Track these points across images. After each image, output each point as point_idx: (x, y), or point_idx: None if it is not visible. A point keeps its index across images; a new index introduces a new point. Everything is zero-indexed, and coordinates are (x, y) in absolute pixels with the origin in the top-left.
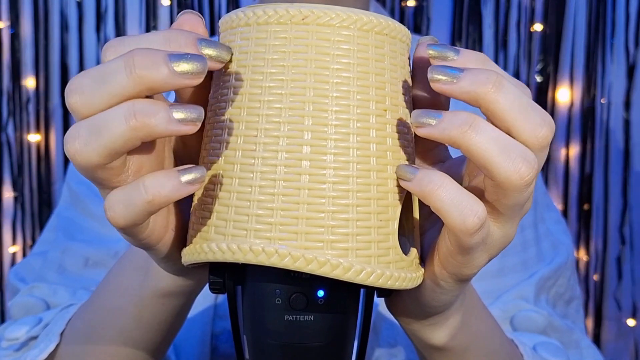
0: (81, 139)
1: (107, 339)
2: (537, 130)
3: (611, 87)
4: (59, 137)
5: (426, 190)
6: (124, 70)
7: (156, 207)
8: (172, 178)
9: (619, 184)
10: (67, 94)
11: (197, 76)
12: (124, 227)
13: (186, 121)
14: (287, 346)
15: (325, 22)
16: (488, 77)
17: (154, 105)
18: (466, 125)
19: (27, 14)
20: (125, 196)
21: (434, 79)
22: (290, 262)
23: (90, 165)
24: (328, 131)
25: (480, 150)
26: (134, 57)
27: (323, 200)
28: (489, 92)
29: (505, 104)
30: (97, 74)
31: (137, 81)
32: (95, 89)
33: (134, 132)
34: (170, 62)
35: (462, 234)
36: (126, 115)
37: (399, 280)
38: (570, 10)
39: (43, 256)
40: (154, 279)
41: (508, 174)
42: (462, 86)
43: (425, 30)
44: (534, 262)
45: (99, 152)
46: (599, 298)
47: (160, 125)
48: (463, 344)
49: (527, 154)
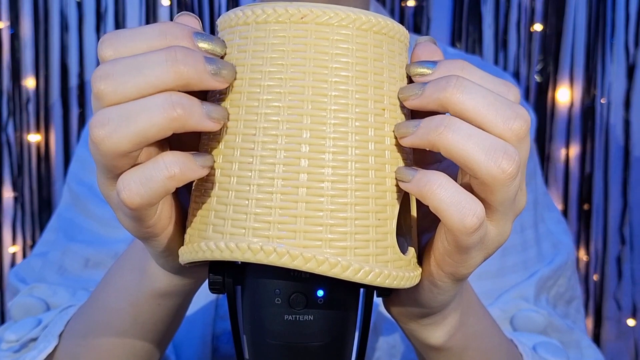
0: (111, 125)
1: (105, 339)
2: (510, 122)
3: (611, 87)
4: (58, 137)
5: (425, 190)
6: (165, 64)
7: (174, 184)
8: (188, 158)
9: (619, 184)
10: (95, 79)
11: (226, 80)
12: (139, 207)
13: (215, 119)
14: (287, 346)
15: (324, 21)
16: (448, 81)
17: (190, 99)
18: (441, 126)
19: (27, 14)
20: (143, 174)
21: (403, 98)
22: (288, 260)
23: (117, 152)
24: (326, 130)
25: (458, 149)
26: (176, 53)
27: (322, 198)
28: (452, 94)
29: (470, 102)
30: (132, 64)
31: (177, 75)
32: (129, 78)
33: (170, 122)
34: (206, 63)
35: (460, 233)
36: (164, 106)
37: (397, 279)
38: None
39: (43, 257)
40: (150, 279)
41: (489, 169)
42: (427, 96)
43: (425, 30)
44: (534, 262)
45: (129, 139)
46: (599, 298)
47: (194, 119)
48: (461, 343)
49: (507, 148)
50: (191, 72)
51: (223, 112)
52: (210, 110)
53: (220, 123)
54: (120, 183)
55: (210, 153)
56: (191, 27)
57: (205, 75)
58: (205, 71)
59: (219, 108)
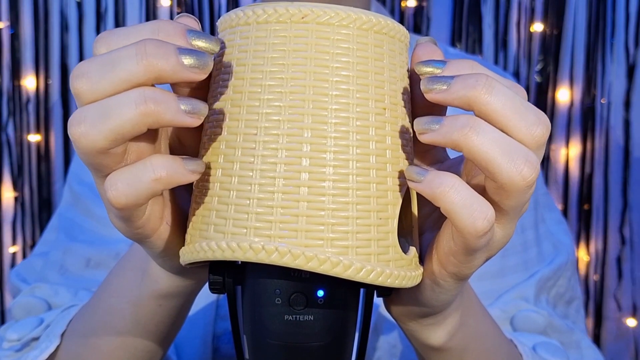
0: (87, 122)
1: (106, 340)
2: (533, 129)
3: (611, 87)
4: (58, 137)
5: (437, 192)
6: (135, 57)
7: (161, 187)
8: (177, 162)
9: (619, 184)
10: (73, 78)
11: (202, 71)
12: (124, 207)
13: (192, 113)
14: (287, 346)
15: (325, 20)
16: (477, 80)
17: (164, 94)
18: (467, 127)
19: (27, 14)
20: (130, 174)
21: (426, 90)
22: (290, 259)
23: (95, 149)
24: (328, 129)
25: (482, 152)
26: (146, 46)
27: (323, 198)
28: (480, 94)
29: (498, 104)
30: (106, 60)
31: (147, 69)
32: (103, 74)
33: (143, 117)
34: (179, 54)
35: (470, 235)
36: (137, 101)
37: (398, 279)
38: (570, 10)
39: (44, 257)
40: (152, 279)
41: (511, 175)
42: (453, 92)
43: (425, 30)
44: (534, 263)
45: (105, 136)
46: (599, 298)
47: (169, 114)
48: (461, 344)
49: (529, 155)
50: (161, 63)
51: (200, 106)
52: (186, 104)
53: (200, 118)
54: (107, 182)
55: (210, 153)
56: (185, 25)
57: (178, 67)
58: (178, 63)
59: (196, 102)
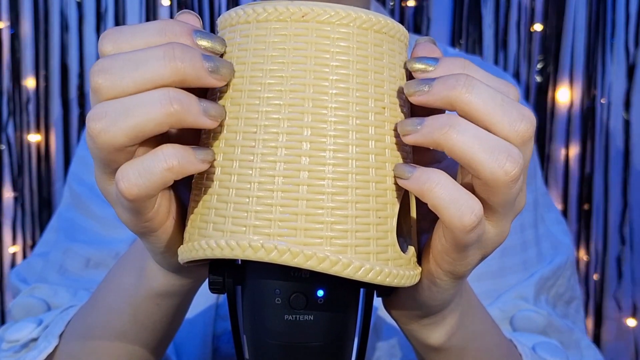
0: (108, 118)
1: (104, 339)
2: (516, 124)
3: (611, 87)
4: (59, 137)
5: (424, 188)
6: (163, 59)
7: (173, 177)
8: (188, 151)
9: (619, 184)
10: (93, 74)
11: (223, 78)
12: (136, 198)
13: (212, 116)
14: (287, 346)
15: (325, 19)
16: (457, 80)
17: (187, 96)
18: (447, 126)
19: (27, 14)
20: (142, 165)
21: (409, 93)
22: (289, 258)
23: (113, 146)
24: (327, 128)
25: (462, 150)
26: (174, 49)
27: (322, 196)
28: (461, 93)
29: (479, 102)
30: (130, 59)
31: (173, 71)
32: (127, 72)
33: (167, 117)
34: (204, 60)
35: (458, 231)
36: (162, 101)
37: (397, 278)
38: (570, 10)
39: (44, 257)
40: (149, 278)
41: (493, 171)
42: (434, 93)
43: (425, 30)
44: (534, 263)
45: (126, 133)
46: (599, 298)
47: (191, 116)
48: (460, 344)
49: (511, 150)
50: (188, 68)
51: (220, 110)
52: (207, 107)
53: (218, 121)
54: (119, 173)
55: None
56: (191, 25)
57: (202, 73)
58: (203, 68)
59: (216, 106)
